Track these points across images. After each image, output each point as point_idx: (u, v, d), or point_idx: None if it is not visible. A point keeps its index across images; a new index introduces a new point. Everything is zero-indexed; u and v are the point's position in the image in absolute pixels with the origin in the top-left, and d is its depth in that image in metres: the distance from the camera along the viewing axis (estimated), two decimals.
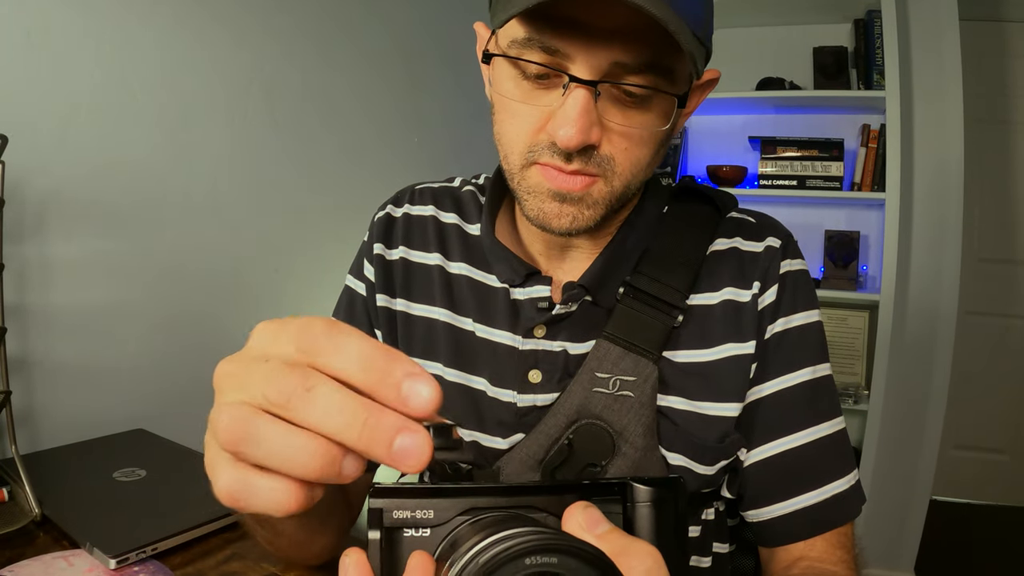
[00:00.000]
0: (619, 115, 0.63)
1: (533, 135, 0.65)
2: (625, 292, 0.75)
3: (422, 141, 2.05)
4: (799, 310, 0.77)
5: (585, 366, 0.73)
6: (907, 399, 2.55)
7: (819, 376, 0.76)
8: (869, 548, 2.53)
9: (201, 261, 1.34)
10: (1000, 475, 3.27)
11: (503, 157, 0.70)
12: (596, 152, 0.64)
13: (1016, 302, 3.20)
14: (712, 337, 0.75)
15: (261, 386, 0.32)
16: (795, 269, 0.78)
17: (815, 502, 0.73)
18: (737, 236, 0.79)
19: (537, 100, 0.64)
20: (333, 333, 0.33)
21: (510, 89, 0.66)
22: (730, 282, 0.76)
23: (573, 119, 0.60)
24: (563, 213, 0.67)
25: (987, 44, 3.02)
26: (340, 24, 1.69)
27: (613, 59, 0.59)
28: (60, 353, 1.10)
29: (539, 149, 0.65)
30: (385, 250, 0.87)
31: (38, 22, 1.04)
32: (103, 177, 1.15)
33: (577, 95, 0.60)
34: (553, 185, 0.65)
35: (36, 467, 0.92)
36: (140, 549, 0.73)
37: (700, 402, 0.74)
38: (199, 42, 1.31)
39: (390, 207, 0.90)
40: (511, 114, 0.67)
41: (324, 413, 0.31)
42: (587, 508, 0.38)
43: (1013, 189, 3.14)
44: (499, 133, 0.70)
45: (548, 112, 0.63)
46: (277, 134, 1.52)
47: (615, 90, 0.62)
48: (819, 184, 2.52)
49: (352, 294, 0.89)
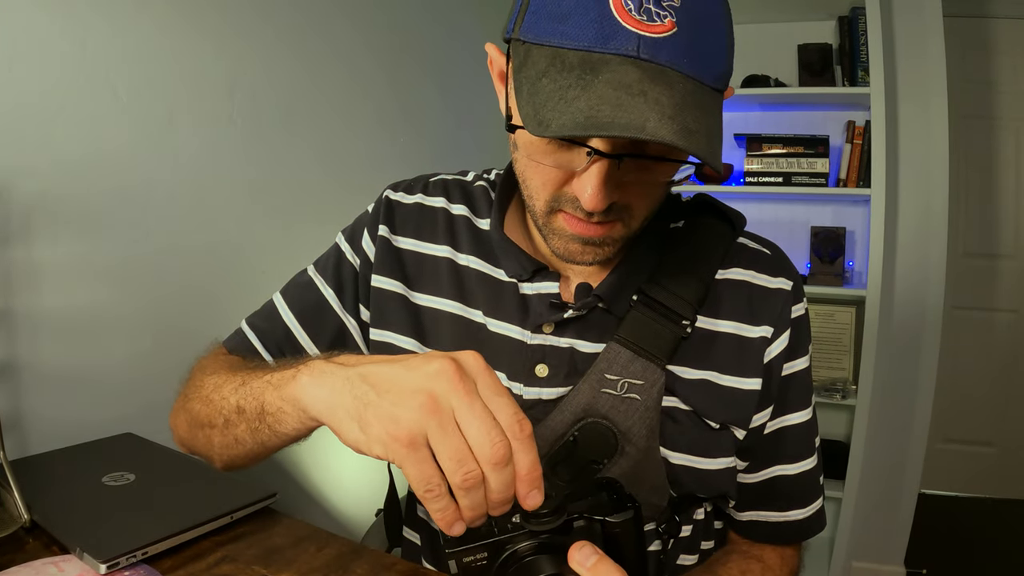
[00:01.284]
0: (637, 173, 0.64)
1: (556, 188, 0.67)
2: (639, 299, 0.77)
3: (407, 142, 2.04)
4: (803, 354, 0.82)
5: (595, 367, 0.75)
6: (894, 393, 2.57)
7: (811, 415, 0.85)
8: (858, 542, 2.55)
9: (187, 263, 1.34)
10: (988, 468, 3.30)
11: (527, 196, 0.71)
12: (616, 203, 0.66)
13: (1001, 296, 3.23)
14: (714, 362, 0.78)
15: (442, 457, 0.48)
16: (802, 314, 0.83)
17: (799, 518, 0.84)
18: (751, 269, 0.82)
19: (559, 159, 0.65)
20: (520, 437, 0.49)
21: (532, 147, 0.65)
22: (737, 316, 0.79)
23: (596, 187, 0.61)
24: (586, 252, 0.70)
25: (971, 40, 3.04)
26: (325, 25, 1.68)
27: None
28: (47, 357, 1.09)
29: (563, 200, 0.67)
30: (390, 234, 0.87)
31: (23, 24, 1.03)
32: (88, 179, 1.14)
33: (600, 165, 0.61)
34: (576, 232, 0.68)
35: (24, 472, 0.91)
36: (131, 553, 0.73)
37: (703, 409, 0.77)
38: (183, 43, 1.30)
39: (402, 192, 0.90)
40: (535, 165, 0.67)
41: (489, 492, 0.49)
42: (582, 548, 0.52)
43: (998, 184, 3.17)
44: (522, 174, 0.71)
45: (572, 170, 0.65)
46: (262, 135, 1.51)
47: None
48: (805, 181, 2.53)
49: (341, 258, 0.90)
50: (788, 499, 0.84)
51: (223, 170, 1.41)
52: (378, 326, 0.85)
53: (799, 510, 0.84)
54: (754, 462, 0.83)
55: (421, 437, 0.48)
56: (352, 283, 0.88)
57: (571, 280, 0.81)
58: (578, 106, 0.55)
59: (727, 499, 0.82)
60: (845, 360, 2.65)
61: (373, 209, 0.90)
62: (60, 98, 1.10)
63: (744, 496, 0.83)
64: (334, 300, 0.89)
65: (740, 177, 2.64)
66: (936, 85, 2.46)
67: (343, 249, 0.90)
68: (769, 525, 0.84)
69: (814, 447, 0.85)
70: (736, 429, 0.78)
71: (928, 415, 2.57)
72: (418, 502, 0.94)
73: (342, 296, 0.89)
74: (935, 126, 2.48)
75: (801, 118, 2.68)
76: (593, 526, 0.56)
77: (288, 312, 0.90)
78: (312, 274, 0.91)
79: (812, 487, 0.85)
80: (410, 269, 0.86)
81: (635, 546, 0.58)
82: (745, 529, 0.86)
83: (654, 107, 0.54)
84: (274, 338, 0.89)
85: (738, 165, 2.66)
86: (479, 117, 2.43)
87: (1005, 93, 3.09)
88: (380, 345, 0.85)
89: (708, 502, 0.84)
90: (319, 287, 0.90)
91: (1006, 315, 3.24)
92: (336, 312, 0.89)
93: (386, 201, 0.89)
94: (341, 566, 0.75)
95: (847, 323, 2.65)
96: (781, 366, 0.80)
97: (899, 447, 2.60)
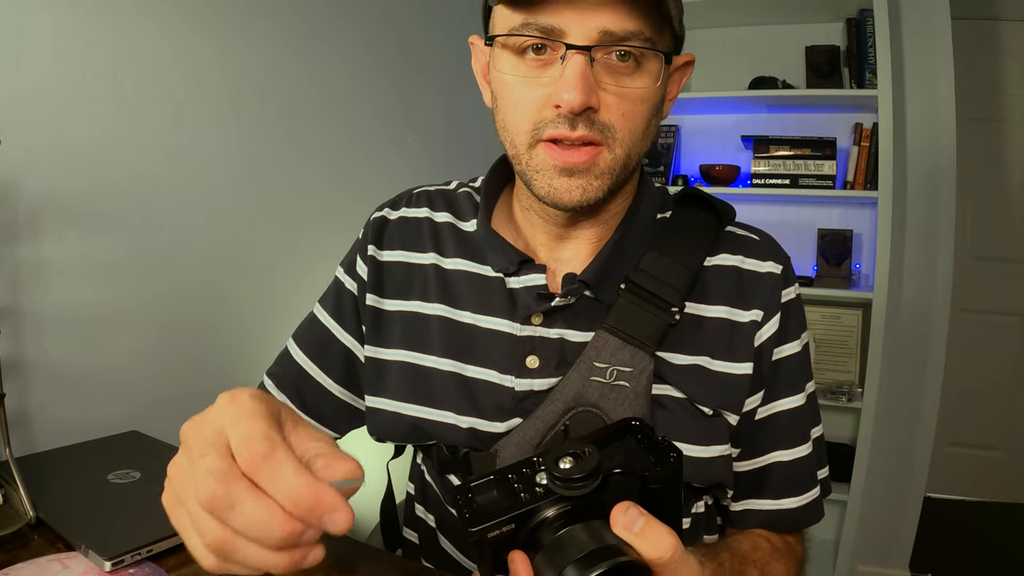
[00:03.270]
0: (613, 80, 0.68)
1: (537, 112, 0.70)
2: (627, 287, 0.78)
3: (415, 141, 2.05)
4: (795, 337, 0.83)
5: (584, 355, 0.76)
6: (901, 396, 2.56)
7: (808, 396, 0.85)
8: (864, 545, 2.54)
9: (194, 262, 1.34)
10: (994, 472, 3.28)
11: (509, 143, 0.74)
12: (597, 118, 0.68)
13: (1009, 299, 3.21)
14: (704, 348, 0.79)
15: (194, 492, 0.42)
16: (793, 297, 0.83)
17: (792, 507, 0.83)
18: (739, 254, 0.83)
19: (537, 78, 0.69)
20: (270, 462, 0.41)
21: (510, 71, 0.71)
22: (727, 300, 0.80)
23: (574, 82, 0.65)
24: (573, 187, 0.71)
25: (979, 43, 3.02)
26: (333, 24, 1.69)
27: (602, 27, 0.66)
28: (54, 355, 1.09)
29: (543, 124, 0.69)
30: (377, 251, 0.89)
31: (31, 24, 1.04)
32: (96, 178, 1.15)
33: (575, 61, 0.66)
34: (560, 161, 0.70)
35: (30, 470, 0.92)
36: (135, 551, 0.73)
37: (694, 395, 0.78)
38: (191, 42, 1.31)
39: (387, 210, 0.92)
40: (514, 98, 0.71)
41: (246, 526, 0.41)
42: (627, 511, 0.48)
43: (1006, 187, 3.15)
44: (503, 120, 0.74)
45: (549, 88, 0.68)
46: (269, 134, 1.52)
47: (607, 57, 0.68)
48: (812, 183, 2.52)
49: (340, 288, 0.92)
50: (781, 487, 0.83)
51: (229, 169, 1.42)
52: (371, 343, 0.87)
53: (793, 499, 0.83)
54: (747, 449, 0.83)
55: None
56: (351, 307, 0.90)
57: (557, 271, 0.81)
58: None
59: (725, 490, 0.82)
60: (851, 363, 2.64)
61: (363, 235, 0.92)
62: (68, 97, 1.10)
63: (738, 484, 0.83)
64: (335, 328, 0.91)
65: (747, 179, 2.63)
66: (944, 87, 2.45)
67: (341, 279, 0.92)
68: (763, 513, 0.84)
69: (808, 435, 0.85)
70: (729, 415, 0.79)
71: (934, 418, 2.56)
72: (417, 502, 0.94)
73: (342, 322, 0.91)
74: (943, 128, 2.47)
75: (808, 120, 2.67)
76: (631, 482, 0.51)
77: (298, 351, 0.93)
78: (317, 311, 0.94)
79: (807, 476, 0.84)
80: (397, 280, 0.87)
81: (674, 502, 0.53)
82: (739, 519, 0.86)
83: None
84: (288, 379, 0.92)
85: (745, 167, 2.65)
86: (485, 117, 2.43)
87: (1013, 95, 3.08)
88: (371, 361, 0.87)
89: (707, 494, 0.84)
90: (322, 320, 0.93)
91: (1013, 318, 3.22)
92: (339, 340, 0.91)
93: (373, 223, 0.91)
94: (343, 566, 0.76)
95: (854, 326, 2.64)
96: (772, 350, 0.81)
97: (905, 450, 2.59)
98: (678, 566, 0.48)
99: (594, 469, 0.48)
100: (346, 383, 0.91)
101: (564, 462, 0.48)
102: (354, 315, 0.90)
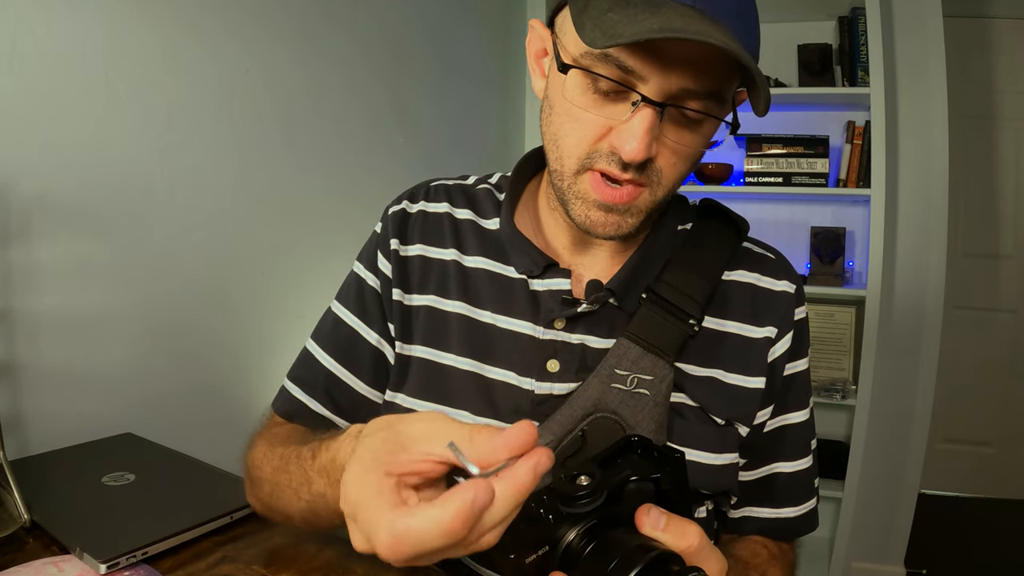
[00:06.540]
0: (675, 133, 0.68)
1: (593, 143, 0.69)
2: (648, 297, 0.79)
3: (408, 141, 2.04)
4: (803, 355, 0.85)
5: (605, 362, 0.76)
6: (895, 393, 2.57)
7: (811, 410, 0.88)
8: (858, 542, 2.55)
9: (187, 263, 1.34)
10: (988, 468, 3.30)
11: (555, 158, 0.73)
12: (648, 164, 0.68)
13: (1001, 296, 3.23)
14: (719, 360, 0.80)
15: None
16: (803, 317, 0.85)
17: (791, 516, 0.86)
18: (756, 272, 0.84)
19: (602, 110, 0.67)
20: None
21: (578, 96, 0.68)
22: (742, 316, 0.82)
23: (640, 136, 0.64)
24: (608, 222, 0.71)
25: (971, 40, 3.04)
26: (326, 24, 1.68)
27: (683, 85, 0.64)
28: (47, 357, 1.09)
29: (597, 156, 0.69)
30: (401, 245, 0.87)
31: (23, 25, 1.03)
32: (88, 179, 1.15)
33: (645, 113, 0.64)
34: (602, 197, 0.70)
35: (24, 473, 0.91)
36: (130, 553, 0.73)
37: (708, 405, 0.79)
38: (184, 43, 1.30)
39: (405, 202, 0.90)
40: (574, 119, 0.70)
41: None
42: (649, 512, 0.52)
43: (998, 184, 3.17)
44: (556, 135, 0.72)
45: (611, 123, 0.67)
46: (263, 135, 1.51)
47: (676, 111, 0.66)
48: (805, 181, 2.53)
49: (362, 285, 0.89)
50: (782, 496, 0.85)
51: (222, 170, 1.41)
52: (400, 339, 0.85)
53: (792, 508, 0.86)
54: (753, 459, 0.85)
55: None
56: (376, 304, 0.87)
57: (582, 277, 0.82)
58: (649, 23, 0.58)
59: (729, 497, 0.83)
60: (845, 360, 2.65)
61: (381, 228, 0.90)
62: (60, 98, 1.10)
63: (741, 492, 0.85)
64: (361, 327, 0.88)
65: (740, 177, 2.64)
66: (936, 85, 2.46)
67: (362, 275, 0.89)
68: (761, 520, 0.86)
69: (810, 448, 0.87)
70: (740, 426, 0.80)
71: (928, 415, 2.57)
72: None
73: (368, 320, 0.88)
74: (935, 126, 2.48)
75: (801, 118, 2.68)
76: (644, 487, 0.55)
77: (323, 354, 0.89)
78: (336, 309, 0.91)
79: (806, 487, 0.87)
80: (418, 274, 0.86)
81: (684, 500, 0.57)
82: (737, 525, 0.87)
83: (718, 28, 0.59)
84: (319, 384, 0.88)
85: (738, 165, 2.66)
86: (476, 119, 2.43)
87: (1005, 93, 3.09)
88: (400, 358, 0.85)
89: (710, 500, 0.85)
90: (345, 320, 0.89)
91: (1006, 315, 3.24)
92: (366, 339, 0.87)
93: (392, 216, 0.89)
94: (341, 566, 0.76)
95: (847, 323, 2.65)
96: (784, 366, 0.82)
97: (899, 447, 2.60)
98: (706, 553, 0.53)
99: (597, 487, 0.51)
100: (375, 383, 0.87)
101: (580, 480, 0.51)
102: (380, 312, 0.87)
